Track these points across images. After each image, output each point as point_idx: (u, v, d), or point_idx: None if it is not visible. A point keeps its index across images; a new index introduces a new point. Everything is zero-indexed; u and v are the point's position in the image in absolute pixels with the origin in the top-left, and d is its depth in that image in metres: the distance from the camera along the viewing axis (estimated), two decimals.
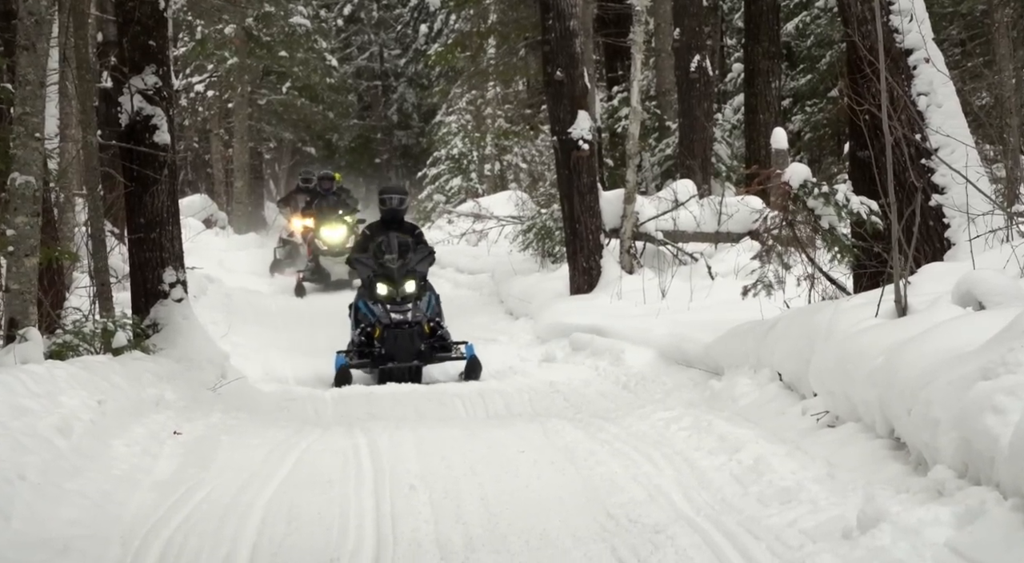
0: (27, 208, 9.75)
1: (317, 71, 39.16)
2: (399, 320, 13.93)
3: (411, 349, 13.89)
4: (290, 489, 7.24)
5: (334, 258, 22.15)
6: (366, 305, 14.18)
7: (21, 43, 9.85)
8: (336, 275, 22.20)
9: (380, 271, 14.25)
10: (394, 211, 14.74)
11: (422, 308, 14.15)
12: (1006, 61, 17.64)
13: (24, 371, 8.33)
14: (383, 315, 13.99)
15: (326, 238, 22.86)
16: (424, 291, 14.40)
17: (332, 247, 22.59)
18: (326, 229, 23.07)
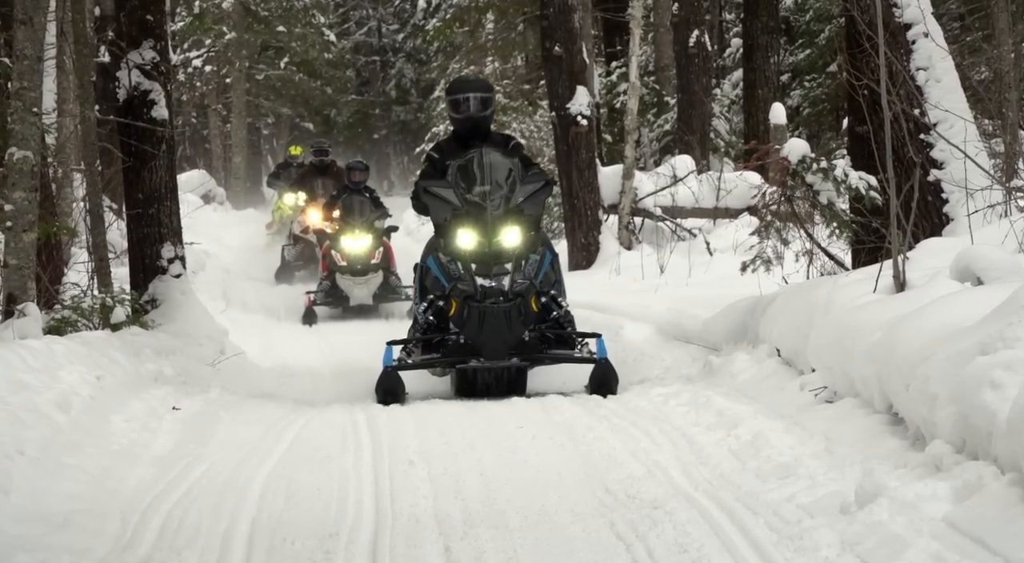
0: (25, 183, 9.74)
1: (315, 46, 39.12)
2: (491, 289, 9.61)
3: (509, 339, 9.57)
4: (289, 464, 7.24)
5: (355, 277, 17.48)
6: (439, 265, 9.85)
7: (18, 17, 9.83)
8: (357, 298, 17.49)
9: (464, 211, 9.78)
10: (476, 120, 10.29)
11: (529, 272, 9.74)
12: (1005, 35, 17.59)
13: (23, 346, 8.33)
14: (466, 281, 9.69)
15: (348, 250, 17.61)
16: (534, 246, 9.89)
17: (354, 262, 17.51)
18: (348, 238, 17.72)
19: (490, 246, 9.64)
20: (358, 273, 17.37)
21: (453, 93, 10.37)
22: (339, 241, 17.65)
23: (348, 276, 17.39)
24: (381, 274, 17.48)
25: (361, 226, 17.77)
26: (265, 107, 42.17)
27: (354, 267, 17.40)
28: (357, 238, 17.67)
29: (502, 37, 33.53)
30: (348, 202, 18.18)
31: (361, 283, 17.35)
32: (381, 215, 18.30)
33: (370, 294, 17.40)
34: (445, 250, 9.76)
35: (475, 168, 9.87)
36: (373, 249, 17.60)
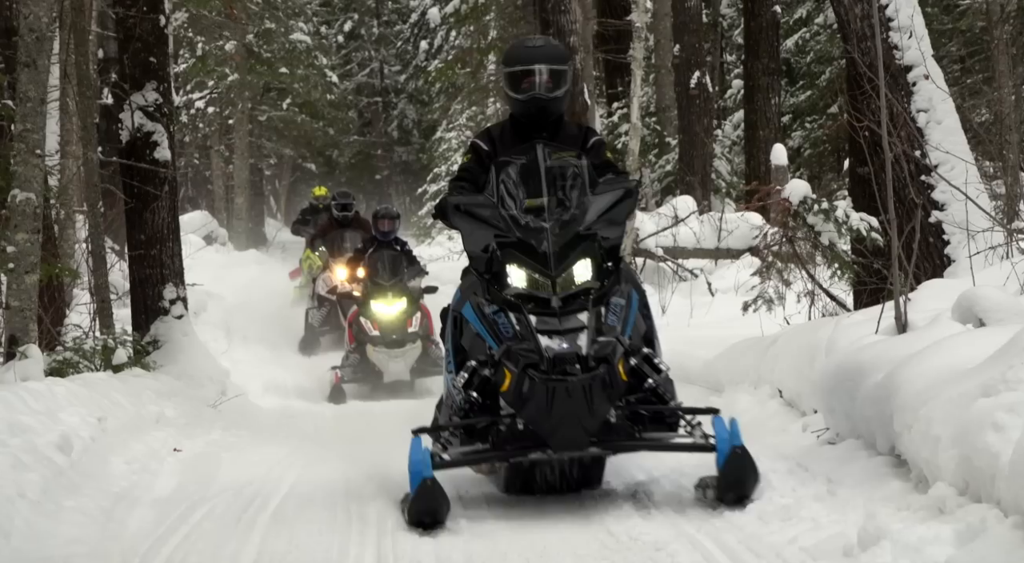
0: (28, 225, 9.76)
1: (317, 87, 39.22)
2: (562, 353, 6.56)
3: (589, 423, 6.59)
4: (291, 507, 7.22)
5: (389, 350, 14.82)
6: (481, 317, 6.87)
7: (22, 60, 9.88)
8: (392, 374, 14.83)
9: (514, 235, 6.91)
10: (543, 103, 7.35)
11: (612, 324, 6.76)
12: (1005, 78, 17.66)
13: (24, 388, 8.33)
14: (525, 342, 6.66)
15: (379, 317, 15.03)
16: (615, 284, 6.93)
17: (387, 331, 14.90)
18: (380, 303, 15.14)
19: (554, 288, 6.70)
20: (393, 344, 14.73)
21: (513, 62, 7.42)
22: (369, 307, 15.06)
23: (381, 348, 14.75)
24: (419, 345, 14.91)
25: (394, 288, 15.17)
26: (267, 148, 42.26)
27: (388, 338, 14.76)
28: (390, 303, 15.07)
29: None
30: (377, 259, 15.57)
31: (397, 356, 14.72)
32: (417, 273, 15.76)
33: (407, 369, 14.78)
34: (490, 295, 6.80)
35: (529, 172, 7.02)
36: (409, 315, 15.02)
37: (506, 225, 6.87)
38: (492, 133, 7.60)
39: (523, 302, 6.70)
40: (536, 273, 6.75)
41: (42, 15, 9.88)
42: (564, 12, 16.46)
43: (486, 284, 6.85)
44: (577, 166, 7.03)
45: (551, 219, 6.83)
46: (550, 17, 16.60)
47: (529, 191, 6.96)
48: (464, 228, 7.08)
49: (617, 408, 6.67)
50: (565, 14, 16.46)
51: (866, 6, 10.39)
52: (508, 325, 6.68)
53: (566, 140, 7.37)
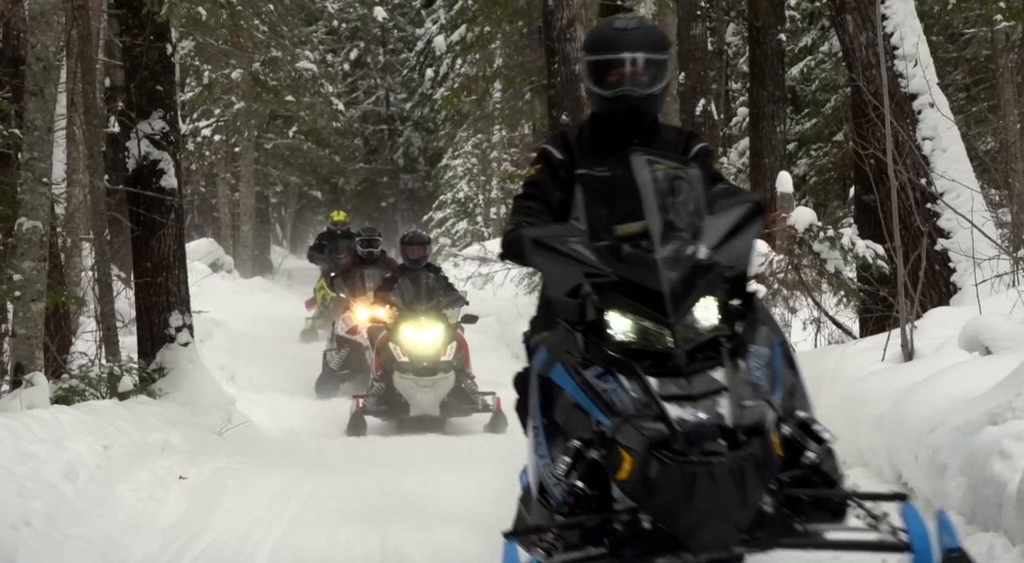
0: (34, 253, 9.77)
1: (323, 115, 39.32)
2: (699, 427, 4.65)
3: (741, 515, 4.64)
4: (295, 534, 7.21)
5: (418, 379, 13.41)
6: (581, 384, 4.93)
7: (29, 89, 9.91)
8: (420, 407, 13.40)
9: (614, 272, 5.01)
10: (635, 102, 5.68)
11: (758, 381, 4.89)
12: (1010, 106, 17.69)
13: (30, 416, 8.33)
14: (648, 413, 4.71)
15: (410, 343, 13.65)
16: (751, 329, 5.06)
17: (418, 359, 13.51)
18: (412, 328, 13.76)
19: (674, 339, 4.81)
20: (423, 373, 13.32)
21: (598, 49, 5.69)
22: (399, 331, 13.66)
23: (409, 377, 13.30)
24: (452, 377, 13.50)
25: (428, 313, 13.88)
26: (273, 175, 42.34)
27: (418, 366, 13.35)
28: (422, 328, 13.69)
29: (509, 106, 33.69)
30: (410, 282, 14.28)
31: (426, 387, 13.30)
32: (454, 301, 14.48)
33: (437, 402, 13.36)
34: (589, 352, 4.91)
35: (623, 188, 5.15)
36: (444, 343, 13.65)
37: (602, 259, 5.00)
38: (568, 137, 5.91)
39: (635, 359, 4.79)
40: (648, 320, 4.87)
41: (49, 44, 9.92)
42: (570, 40, 16.52)
43: (582, 338, 4.93)
44: (688, 177, 5.17)
45: (660, 248, 4.95)
46: (556, 45, 16.65)
47: (624, 212, 5.07)
48: (547, 268, 5.23)
49: (771, 494, 4.83)
50: (571, 42, 16.52)
51: (871, 34, 10.42)
52: (622, 395, 4.75)
53: (663, 146, 5.66)
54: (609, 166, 5.23)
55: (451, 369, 13.47)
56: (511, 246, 5.42)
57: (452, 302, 14.33)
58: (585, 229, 5.10)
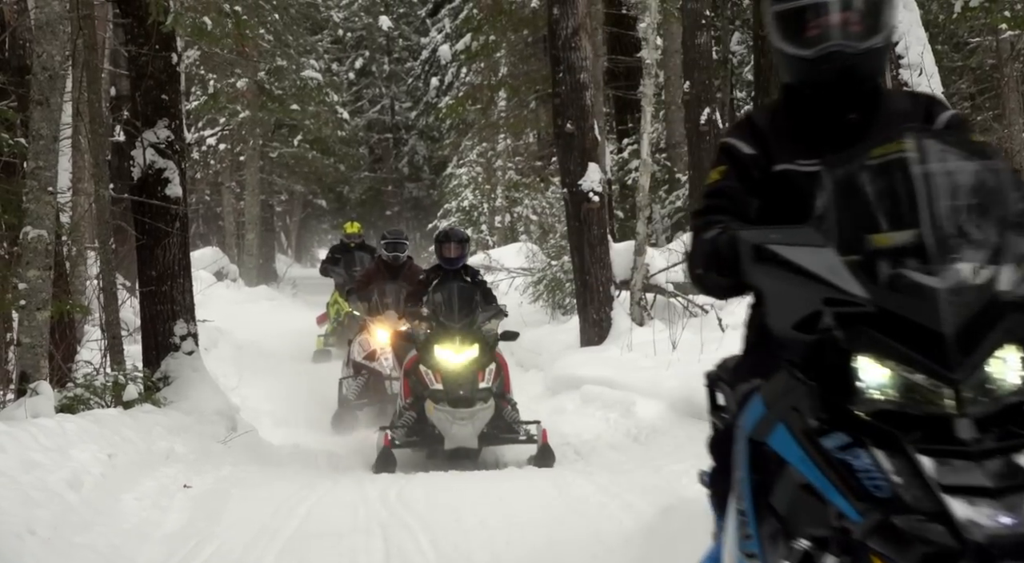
0: (39, 262, 9.79)
1: (328, 124, 39.37)
2: (1004, 534, 3.04)
3: None
4: (300, 542, 7.22)
5: (454, 410, 11.66)
6: (813, 450, 3.40)
7: (35, 98, 9.93)
8: (456, 440, 11.72)
9: (872, 300, 3.37)
10: (846, 57, 4.03)
11: None
12: (1015, 115, 17.69)
13: (35, 425, 8.34)
14: (913, 502, 3.17)
15: (445, 366, 11.90)
16: None
17: (454, 386, 11.77)
18: (447, 350, 11.97)
19: (959, 403, 3.27)
20: (459, 403, 11.59)
21: None
22: (431, 353, 11.91)
23: (444, 407, 11.58)
24: (492, 405, 11.76)
25: (464, 331, 12.03)
26: (278, 184, 42.41)
27: (453, 393, 11.63)
28: (458, 350, 11.90)
29: (514, 114, 33.73)
30: (445, 293, 12.36)
31: (463, 419, 11.59)
32: (493, 314, 12.45)
33: (475, 434, 11.65)
34: (827, 412, 3.46)
35: (886, 185, 3.58)
36: (481, 366, 11.89)
37: (853, 282, 3.43)
38: (756, 124, 4.35)
39: (899, 428, 3.32)
40: (919, 372, 3.32)
41: (55, 54, 9.94)
42: (575, 49, 16.52)
43: (818, 392, 3.50)
44: (988, 171, 3.56)
45: (942, 270, 3.40)
46: (561, 54, 16.66)
47: (887, 217, 3.57)
48: (772, 288, 3.56)
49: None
50: (576, 51, 16.53)
51: None
52: (875, 472, 3.29)
53: (894, 121, 4.09)
54: (854, 158, 3.68)
55: (490, 397, 11.72)
56: (716, 256, 3.90)
57: (491, 316, 12.33)
58: (823, 237, 3.54)
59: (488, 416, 11.66)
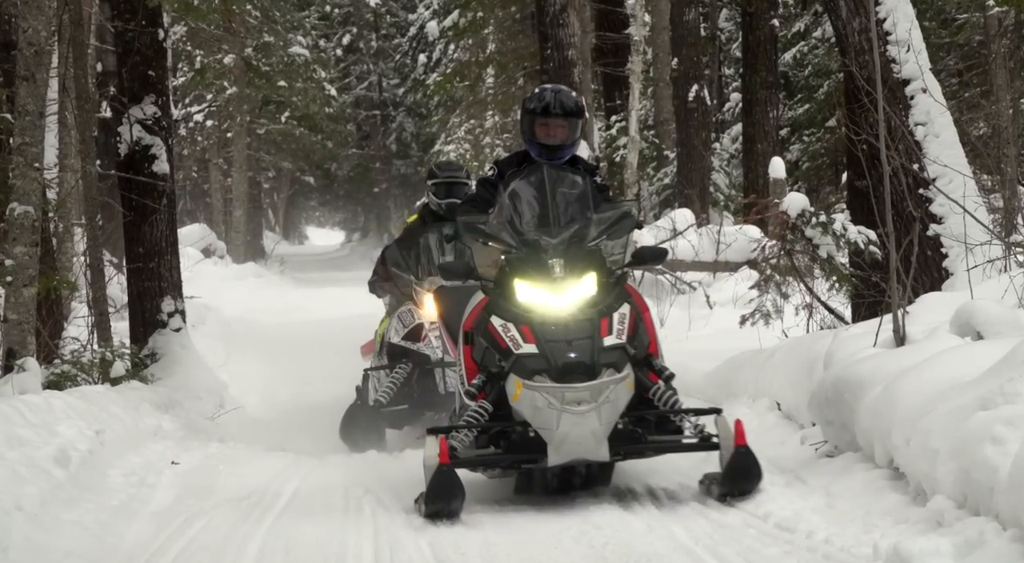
0: (26, 238, 9.76)
1: (316, 101, 39.28)
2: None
3: None
4: (288, 519, 7.21)
5: (561, 388, 6.87)
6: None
7: (21, 74, 9.89)
8: (569, 446, 6.90)
9: None
10: None
11: None
12: (1003, 91, 17.69)
13: (22, 401, 8.32)
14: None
15: (541, 313, 7.16)
16: None
17: (559, 343, 7.05)
18: (539, 286, 7.25)
19: None
20: (572, 374, 6.92)
21: None
22: (513, 293, 7.28)
23: (545, 384, 6.94)
24: (630, 377, 7.09)
25: (570, 253, 7.33)
26: (266, 161, 42.33)
27: (560, 359, 6.96)
28: (561, 286, 7.23)
29: (502, 91, 33.68)
30: (529, 188, 7.56)
31: (581, 403, 6.88)
32: (617, 220, 7.57)
33: (604, 434, 6.93)
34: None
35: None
36: (604, 311, 7.19)
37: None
38: None
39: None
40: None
41: (41, 29, 9.89)
42: (563, 26, 16.49)
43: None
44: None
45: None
46: (549, 31, 16.63)
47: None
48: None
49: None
50: (564, 28, 16.50)
51: (864, 20, 10.41)
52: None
53: None
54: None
55: (626, 362, 7.06)
56: None
57: (613, 225, 7.52)
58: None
59: (625, 398, 6.90)
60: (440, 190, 11.84)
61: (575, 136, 7.82)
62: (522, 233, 7.35)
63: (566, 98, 7.82)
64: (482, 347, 7.19)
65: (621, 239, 7.64)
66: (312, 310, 23.13)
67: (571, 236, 7.32)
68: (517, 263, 7.27)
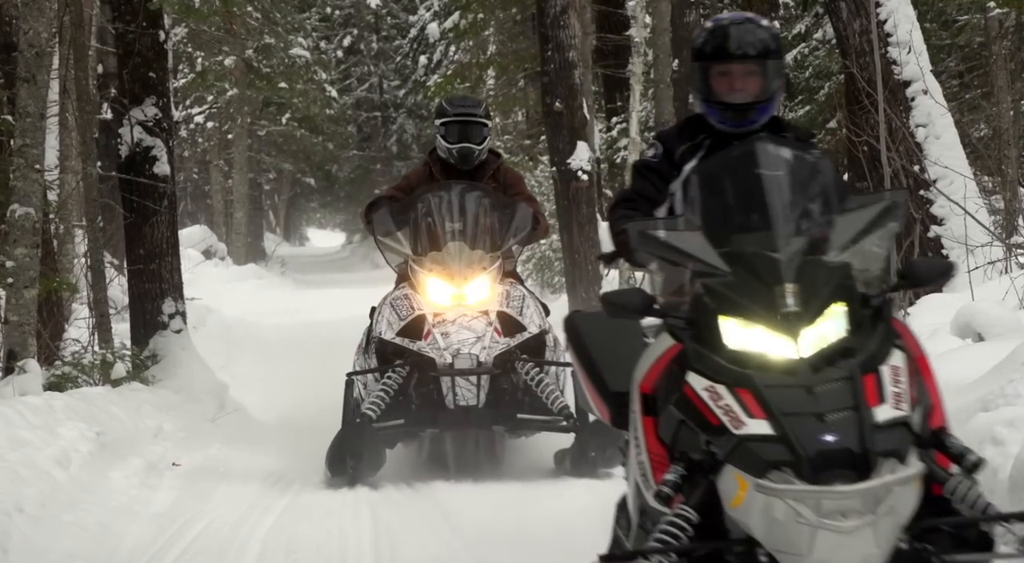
0: (27, 240, 9.76)
1: (317, 102, 39.25)
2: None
3: None
4: (289, 521, 7.21)
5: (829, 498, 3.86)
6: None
7: (22, 75, 9.90)
8: None
9: None
10: None
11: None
12: (1004, 93, 17.67)
13: (22, 403, 8.33)
14: None
15: (775, 368, 4.11)
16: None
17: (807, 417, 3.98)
18: (762, 325, 4.18)
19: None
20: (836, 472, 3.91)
21: None
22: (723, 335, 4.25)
23: (802, 491, 3.92)
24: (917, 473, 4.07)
25: (813, 285, 4.25)
26: (267, 162, 42.32)
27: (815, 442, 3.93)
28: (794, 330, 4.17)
29: (503, 93, 33.66)
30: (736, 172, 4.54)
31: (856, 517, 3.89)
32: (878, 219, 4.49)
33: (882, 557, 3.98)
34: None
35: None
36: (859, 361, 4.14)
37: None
38: None
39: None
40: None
41: (42, 31, 9.90)
42: (563, 27, 16.48)
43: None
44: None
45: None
46: (549, 32, 16.61)
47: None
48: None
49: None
50: (564, 29, 16.48)
51: (865, 22, 10.42)
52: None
53: None
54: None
55: (911, 447, 4.12)
56: None
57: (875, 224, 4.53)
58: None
59: (911, 505, 4.10)
60: (451, 131, 9.31)
61: (773, 86, 5.16)
62: (729, 244, 4.48)
63: (753, 31, 5.16)
64: (674, 421, 4.40)
65: (882, 249, 4.64)
66: (313, 311, 23.11)
67: (807, 247, 4.42)
68: (724, 291, 4.42)
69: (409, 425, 8.60)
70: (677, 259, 4.49)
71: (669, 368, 4.48)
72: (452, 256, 8.77)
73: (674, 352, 4.49)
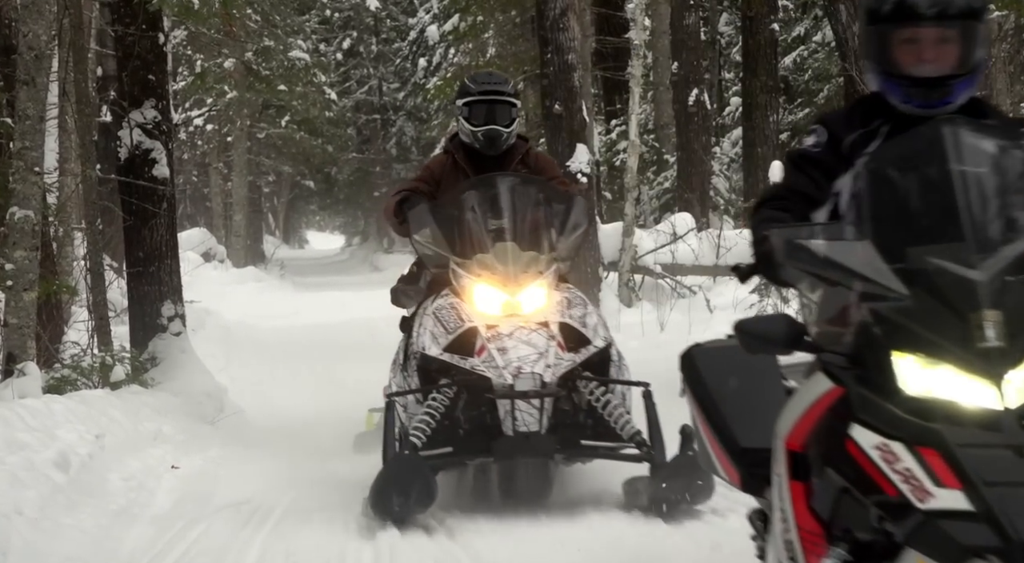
0: (26, 242, 9.76)
1: (316, 105, 39.28)
2: None
3: None
4: (288, 524, 7.21)
5: None
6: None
7: (21, 78, 9.90)
8: None
9: None
10: None
11: None
12: (1003, 95, 17.70)
13: (22, 405, 8.33)
14: None
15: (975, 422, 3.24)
16: None
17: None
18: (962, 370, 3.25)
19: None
20: None
21: None
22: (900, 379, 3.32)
23: None
24: None
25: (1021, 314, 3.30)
26: (266, 165, 42.35)
27: None
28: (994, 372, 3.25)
29: None
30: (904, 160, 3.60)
31: None
32: None
33: None
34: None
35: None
36: None
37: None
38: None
39: None
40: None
41: (41, 33, 9.90)
42: (563, 30, 16.48)
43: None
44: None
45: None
46: (549, 35, 16.62)
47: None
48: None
49: None
50: (564, 32, 16.49)
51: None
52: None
53: None
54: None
55: None
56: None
57: None
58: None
59: None
60: (476, 112, 8.38)
61: (977, 57, 3.95)
62: (908, 259, 3.44)
63: None
64: (834, 489, 3.42)
65: None
66: (312, 314, 23.12)
67: (1013, 265, 3.39)
68: (901, 320, 3.37)
69: (458, 453, 7.37)
70: (837, 277, 3.49)
71: (826, 419, 3.49)
72: (502, 259, 7.67)
73: (832, 398, 3.51)
